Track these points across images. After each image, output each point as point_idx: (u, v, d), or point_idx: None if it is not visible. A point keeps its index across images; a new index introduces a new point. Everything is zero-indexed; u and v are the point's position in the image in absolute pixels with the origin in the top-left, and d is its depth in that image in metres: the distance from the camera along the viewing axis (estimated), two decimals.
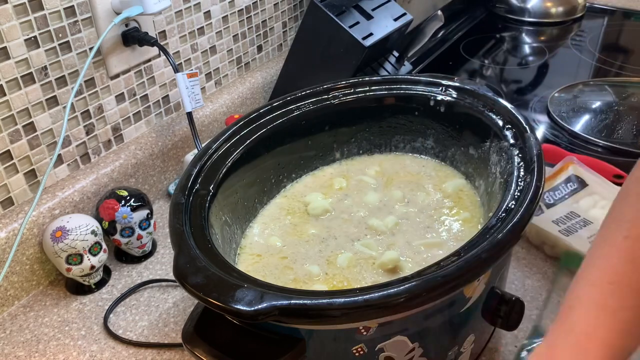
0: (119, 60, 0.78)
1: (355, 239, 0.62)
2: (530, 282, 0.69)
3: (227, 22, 0.95)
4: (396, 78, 0.71)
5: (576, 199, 0.75)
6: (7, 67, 0.65)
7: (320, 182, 0.71)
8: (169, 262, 0.76)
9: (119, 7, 0.74)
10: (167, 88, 0.88)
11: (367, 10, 0.87)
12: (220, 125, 0.95)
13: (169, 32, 0.85)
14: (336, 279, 0.57)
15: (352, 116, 0.71)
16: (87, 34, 0.73)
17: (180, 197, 0.55)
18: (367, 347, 0.47)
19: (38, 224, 0.70)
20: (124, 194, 0.73)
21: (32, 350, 0.64)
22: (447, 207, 0.65)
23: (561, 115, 0.98)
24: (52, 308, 0.70)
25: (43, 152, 0.72)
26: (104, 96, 0.78)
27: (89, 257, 0.68)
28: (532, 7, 1.39)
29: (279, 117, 0.67)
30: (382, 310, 0.43)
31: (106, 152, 0.81)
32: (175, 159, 0.88)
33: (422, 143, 0.73)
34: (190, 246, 0.49)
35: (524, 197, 0.50)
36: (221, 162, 0.61)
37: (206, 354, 0.45)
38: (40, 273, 0.72)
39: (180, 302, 0.70)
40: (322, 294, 0.44)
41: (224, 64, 0.97)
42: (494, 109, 0.63)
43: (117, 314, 0.68)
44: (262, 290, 0.44)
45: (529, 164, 0.54)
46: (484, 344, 0.60)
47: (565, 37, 1.33)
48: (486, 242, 0.46)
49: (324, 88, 0.70)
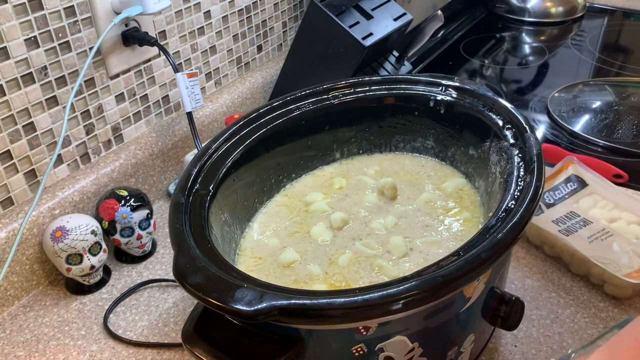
0: (118, 60, 0.78)
1: (355, 238, 0.62)
2: (530, 282, 0.69)
3: (227, 22, 0.95)
4: (396, 78, 0.71)
5: (576, 198, 0.75)
6: (6, 67, 0.65)
7: (320, 181, 0.71)
8: (168, 262, 0.76)
9: (119, 7, 0.74)
10: (167, 88, 0.88)
11: (367, 10, 0.87)
12: (220, 125, 0.95)
13: (169, 32, 0.85)
14: (335, 278, 0.57)
15: (352, 116, 0.71)
16: (87, 33, 0.73)
17: (180, 197, 0.55)
18: (367, 347, 0.47)
19: (38, 223, 0.70)
20: (124, 194, 0.73)
21: (32, 350, 0.64)
22: (447, 206, 0.65)
23: (561, 115, 0.98)
24: (52, 308, 0.70)
25: (43, 152, 0.72)
26: (104, 96, 0.78)
27: (89, 257, 0.68)
28: (532, 7, 1.39)
29: (279, 117, 0.67)
30: (382, 310, 0.43)
31: (106, 152, 0.81)
32: (175, 159, 0.88)
33: (422, 143, 0.73)
34: (190, 246, 0.49)
35: (524, 197, 0.50)
36: (221, 162, 0.61)
37: (206, 354, 0.45)
38: (40, 273, 0.72)
39: (180, 302, 0.70)
40: (322, 293, 0.44)
41: (224, 63, 0.97)
42: (494, 109, 0.63)
43: (117, 314, 0.68)
44: (262, 290, 0.44)
45: (528, 163, 0.54)
46: (484, 344, 0.60)
47: (565, 37, 1.33)
48: (486, 242, 0.46)
49: (324, 88, 0.70)
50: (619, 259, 0.65)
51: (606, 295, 0.66)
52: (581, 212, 0.72)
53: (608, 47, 1.28)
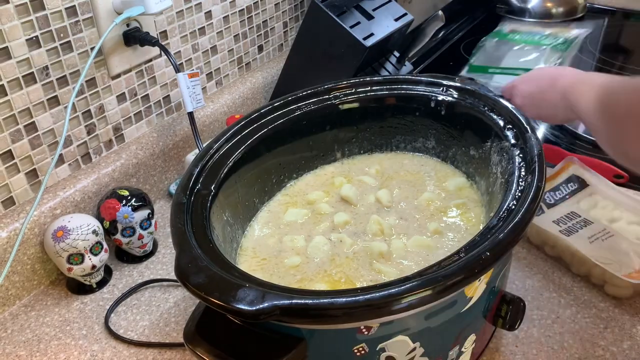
0: (120, 60, 0.78)
1: (356, 237, 0.62)
2: (531, 282, 0.69)
3: (228, 22, 0.95)
4: (397, 78, 0.72)
5: (577, 199, 0.75)
6: (8, 67, 0.65)
7: (321, 180, 0.71)
8: (170, 262, 0.76)
9: (121, 7, 0.74)
10: (168, 88, 0.88)
11: (368, 10, 0.87)
12: (221, 125, 0.95)
13: (170, 32, 0.85)
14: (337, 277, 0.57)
15: (353, 116, 0.71)
16: (88, 34, 0.73)
17: (181, 197, 0.55)
18: (369, 346, 0.47)
19: (39, 223, 0.70)
20: (125, 194, 0.73)
21: (34, 350, 0.64)
22: (448, 206, 0.65)
23: None
24: (53, 307, 0.70)
25: (44, 152, 0.72)
26: (105, 96, 0.78)
27: (90, 257, 0.68)
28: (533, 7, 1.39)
29: (280, 117, 0.67)
30: (384, 310, 0.43)
31: (107, 152, 0.81)
32: (177, 159, 0.89)
33: (423, 143, 0.73)
34: (191, 246, 0.49)
35: (525, 197, 0.50)
36: (222, 162, 0.61)
37: (207, 354, 0.45)
38: (41, 273, 0.72)
39: (182, 301, 0.70)
40: (324, 293, 0.44)
41: (225, 64, 0.97)
42: (495, 109, 0.63)
43: (118, 314, 0.69)
44: (264, 290, 0.44)
45: (529, 164, 0.55)
46: (485, 343, 0.60)
47: None
48: (487, 242, 0.46)
49: (325, 88, 0.70)
50: (619, 259, 0.65)
51: (607, 295, 0.66)
52: (582, 213, 0.72)
53: (608, 47, 1.28)
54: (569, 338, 0.62)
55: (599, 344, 0.61)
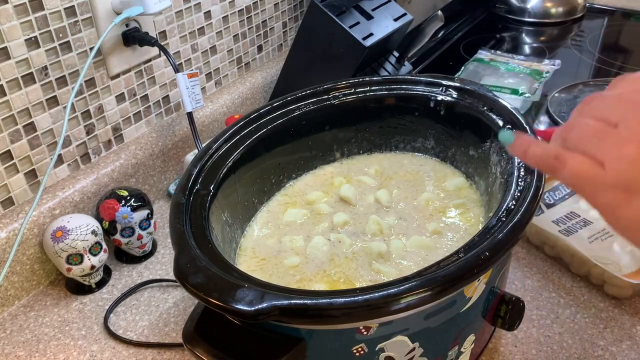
0: (119, 60, 0.78)
1: (356, 237, 0.62)
2: (530, 282, 0.69)
3: (228, 22, 0.95)
4: (396, 78, 0.71)
5: (576, 199, 0.75)
6: (7, 67, 0.65)
7: (321, 180, 0.71)
8: (169, 262, 0.76)
9: (120, 7, 0.74)
10: (167, 88, 0.88)
11: (367, 10, 0.87)
12: (221, 126, 0.95)
13: (169, 32, 0.85)
14: (336, 277, 0.57)
15: (353, 116, 0.71)
16: (87, 34, 0.73)
17: (180, 197, 0.55)
18: (368, 346, 0.47)
19: (38, 223, 0.70)
20: (124, 194, 0.73)
21: (33, 350, 0.64)
22: (447, 206, 0.65)
23: (561, 115, 0.98)
24: (52, 308, 0.70)
25: (43, 152, 0.72)
26: (104, 96, 0.78)
27: (89, 257, 0.68)
28: (532, 8, 1.39)
29: (279, 117, 0.67)
30: (383, 310, 0.43)
31: (106, 152, 0.81)
32: (176, 159, 0.88)
33: (423, 143, 0.73)
34: (190, 246, 0.49)
35: (524, 197, 0.50)
36: (221, 162, 0.61)
37: (207, 354, 0.45)
38: (40, 273, 0.72)
39: (181, 302, 0.70)
40: (323, 293, 0.44)
41: (224, 64, 0.97)
42: (494, 109, 0.63)
43: (117, 314, 0.68)
44: (263, 290, 0.44)
45: None
46: (485, 344, 0.60)
47: (565, 37, 1.33)
48: (486, 242, 0.46)
49: (324, 88, 0.70)
50: (619, 259, 0.65)
51: (606, 295, 0.66)
52: (581, 213, 0.72)
53: (608, 47, 1.28)
54: (569, 338, 0.62)
55: (599, 344, 0.61)
